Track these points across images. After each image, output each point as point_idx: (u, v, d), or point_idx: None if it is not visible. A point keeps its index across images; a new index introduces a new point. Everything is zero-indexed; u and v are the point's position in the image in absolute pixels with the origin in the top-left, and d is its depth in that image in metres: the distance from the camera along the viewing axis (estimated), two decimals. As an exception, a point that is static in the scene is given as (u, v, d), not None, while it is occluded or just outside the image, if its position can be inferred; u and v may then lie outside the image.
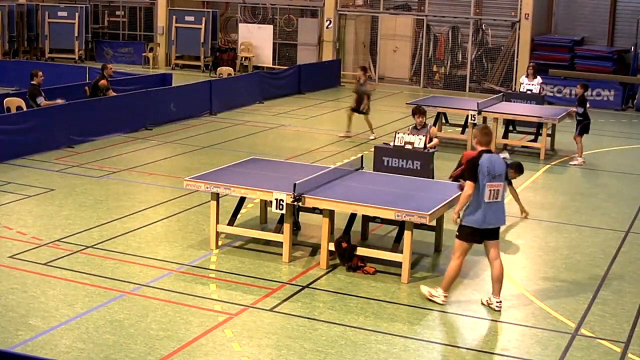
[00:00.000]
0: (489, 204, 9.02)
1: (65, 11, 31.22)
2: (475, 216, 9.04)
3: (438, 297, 9.38)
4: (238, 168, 11.80)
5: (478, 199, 9.01)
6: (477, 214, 9.03)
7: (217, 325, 8.63)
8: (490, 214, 9.06)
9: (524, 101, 19.43)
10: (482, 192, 8.98)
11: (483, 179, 8.97)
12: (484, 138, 9.17)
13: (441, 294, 9.38)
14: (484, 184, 8.96)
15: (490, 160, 9.05)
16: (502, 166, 9.17)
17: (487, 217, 9.05)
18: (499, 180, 9.04)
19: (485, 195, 8.97)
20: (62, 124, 16.79)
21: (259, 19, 31.05)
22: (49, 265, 10.18)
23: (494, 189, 9.01)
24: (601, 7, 26.97)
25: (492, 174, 8.99)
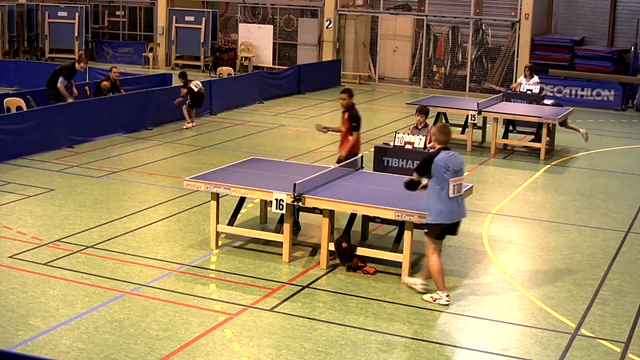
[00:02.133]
0: (453, 198, 9.29)
1: (65, 11, 31.23)
2: (444, 213, 9.26)
3: (441, 299, 9.41)
4: (238, 168, 11.80)
5: (442, 196, 9.23)
6: (446, 211, 9.26)
7: (217, 325, 8.63)
8: (456, 208, 9.36)
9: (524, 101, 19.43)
10: (447, 188, 9.22)
11: (444, 175, 9.19)
12: (442, 137, 9.45)
13: (443, 295, 9.41)
14: (447, 180, 9.20)
15: (449, 157, 9.30)
16: (461, 162, 9.44)
17: (455, 211, 9.34)
18: (460, 175, 9.35)
19: (450, 190, 9.23)
20: (62, 124, 16.80)
21: (259, 19, 31.06)
22: (49, 265, 10.18)
23: (457, 183, 9.31)
24: (601, 7, 26.98)
25: (452, 170, 9.23)
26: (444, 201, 9.24)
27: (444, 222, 9.31)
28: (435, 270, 9.43)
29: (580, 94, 25.47)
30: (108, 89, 18.74)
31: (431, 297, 9.48)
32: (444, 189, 9.22)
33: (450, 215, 9.31)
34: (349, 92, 12.20)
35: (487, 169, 16.58)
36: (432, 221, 9.34)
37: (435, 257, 9.44)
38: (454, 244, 11.56)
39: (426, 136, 13.10)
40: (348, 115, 12.14)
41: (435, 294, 9.47)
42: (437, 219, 9.29)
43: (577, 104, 24.57)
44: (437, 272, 9.43)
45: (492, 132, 17.87)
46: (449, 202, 9.25)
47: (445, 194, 9.22)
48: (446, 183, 9.21)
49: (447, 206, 9.25)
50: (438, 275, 9.44)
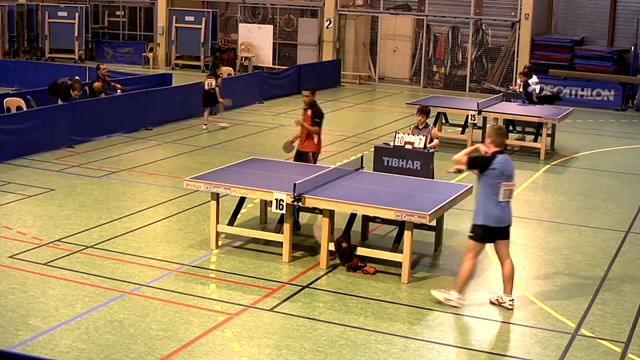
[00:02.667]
0: (502, 203, 9.14)
1: (65, 11, 31.23)
2: (490, 215, 9.12)
3: (453, 300, 9.33)
4: (238, 168, 11.80)
5: (492, 199, 9.09)
6: (493, 214, 9.12)
7: (217, 325, 8.63)
8: (505, 213, 9.20)
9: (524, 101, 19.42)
10: (497, 192, 9.06)
11: (497, 179, 9.06)
12: (498, 139, 9.26)
13: (455, 297, 9.34)
14: (499, 184, 9.06)
15: (505, 161, 9.17)
16: (513, 167, 9.31)
17: (502, 215, 9.17)
18: (512, 180, 9.21)
19: (501, 194, 9.08)
20: (62, 124, 16.80)
21: (259, 19, 31.06)
22: (49, 265, 10.18)
23: (508, 188, 9.15)
24: (601, 7, 26.98)
25: (506, 174, 9.12)
26: (492, 204, 9.09)
27: (488, 224, 9.14)
28: (465, 275, 9.28)
29: (580, 94, 25.47)
30: (100, 89, 18.62)
31: (443, 297, 9.38)
32: (493, 192, 9.07)
33: (496, 218, 9.14)
34: (312, 90, 12.37)
35: (487, 169, 16.54)
36: (477, 223, 9.21)
37: (471, 263, 9.26)
38: (454, 244, 11.57)
39: (426, 136, 13.08)
40: (311, 112, 12.31)
41: (448, 294, 9.38)
42: (482, 222, 9.14)
43: (577, 104, 24.57)
44: (466, 277, 9.29)
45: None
46: (498, 206, 9.10)
47: (495, 198, 9.07)
48: (498, 187, 9.06)
49: (495, 210, 9.10)
50: (464, 279, 9.30)
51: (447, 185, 12.01)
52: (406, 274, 10.02)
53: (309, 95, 12.29)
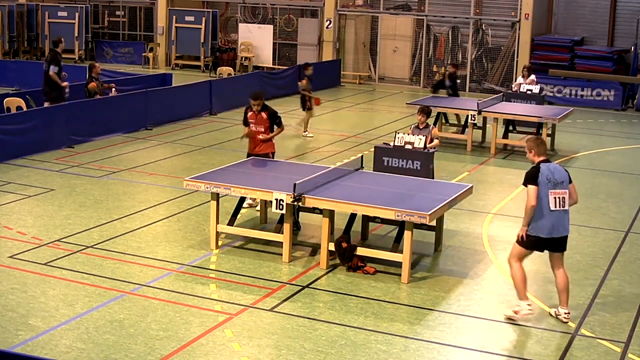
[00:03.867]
0: (555, 212, 8.87)
1: (65, 11, 31.23)
2: (541, 225, 8.87)
3: (524, 310, 8.99)
4: (238, 168, 11.80)
5: (542, 208, 8.84)
6: (543, 223, 8.87)
7: (217, 325, 8.63)
8: (558, 223, 8.91)
9: (524, 101, 19.44)
10: (546, 200, 8.84)
11: (544, 187, 8.86)
12: (541, 148, 9.17)
13: (525, 306, 9.01)
14: (547, 192, 8.84)
15: (549, 168, 9.01)
16: (564, 173, 9.07)
17: (554, 225, 8.89)
18: (561, 187, 8.94)
19: (551, 203, 8.84)
20: (62, 124, 16.80)
21: (259, 19, 31.06)
22: (49, 265, 10.18)
23: (558, 196, 8.89)
24: (601, 7, 26.98)
25: (553, 182, 8.90)
26: (541, 213, 8.82)
27: (539, 235, 8.89)
28: (520, 280, 9.01)
29: (580, 94, 25.47)
30: (96, 89, 18.51)
31: (514, 312, 9.04)
32: (543, 201, 8.82)
33: (548, 229, 8.85)
34: (259, 96, 12.46)
35: (487, 169, 16.58)
36: (531, 233, 8.92)
37: (519, 265, 9.02)
38: (454, 244, 11.57)
39: (426, 136, 13.08)
40: (267, 114, 12.44)
41: (517, 307, 9.08)
42: (532, 232, 8.89)
43: (577, 104, 24.59)
44: (521, 281, 9.02)
45: (492, 132, 17.87)
46: (549, 215, 8.82)
47: (545, 206, 8.82)
48: (545, 195, 8.82)
49: (545, 219, 8.84)
50: (521, 285, 9.01)
51: (447, 185, 12.01)
52: (406, 274, 10.02)
53: (259, 104, 12.38)
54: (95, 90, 18.38)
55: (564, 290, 9.13)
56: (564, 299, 9.15)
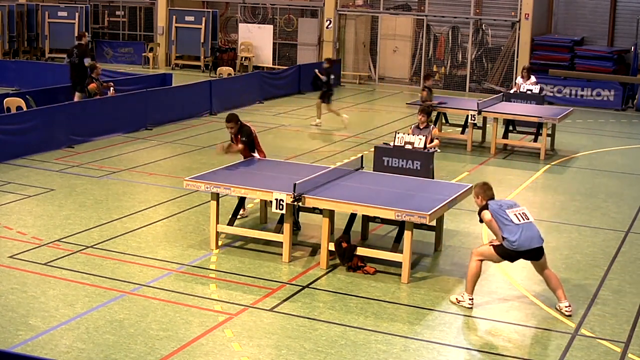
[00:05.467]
0: (521, 224, 9.08)
1: (65, 11, 31.22)
2: (517, 240, 9.03)
3: (465, 302, 9.33)
4: (238, 168, 11.80)
5: (510, 229, 9.06)
6: (518, 237, 9.03)
7: (217, 325, 8.63)
8: (530, 234, 9.09)
9: (524, 101, 19.44)
10: (508, 220, 9.08)
11: (501, 212, 9.12)
12: (488, 193, 9.36)
13: (467, 298, 9.34)
14: (505, 214, 9.11)
15: (495, 202, 9.32)
16: (511, 201, 9.46)
17: (529, 237, 9.07)
18: (516, 207, 9.24)
19: (514, 219, 9.08)
20: (62, 124, 16.80)
21: (259, 19, 31.06)
22: (49, 265, 10.18)
23: (518, 212, 9.17)
24: (601, 7, 26.98)
25: (504, 206, 9.21)
26: (511, 230, 9.05)
27: (517, 249, 9.09)
28: (474, 274, 9.30)
29: (580, 94, 25.47)
30: (96, 90, 18.49)
31: (456, 299, 9.41)
32: (507, 221, 9.08)
33: (524, 242, 9.06)
34: (234, 119, 11.96)
35: (487, 169, 16.58)
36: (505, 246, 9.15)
37: (478, 263, 9.28)
38: (454, 244, 11.57)
39: (426, 136, 13.10)
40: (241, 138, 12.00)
41: (460, 296, 9.41)
42: (510, 247, 9.09)
43: (577, 104, 24.59)
44: (474, 276, 9.30)
45: (492, 132, 17.87)
46: (518, 229, 9.04)
47: (510, 223, 9.07)
48: (505, 215, 9.09)
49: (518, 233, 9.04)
50: (473, 279, 9.30)
51: (447, 185, 12.01)
52: (406, 274, 10.02)
53: (233, 127, 11.95)
54: (95, 92, 18.37)
55: (557, 287, 9.36)
56: (561, 295, 9.34)
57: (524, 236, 9.05)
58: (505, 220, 9.10)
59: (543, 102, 19.98)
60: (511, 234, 9.05)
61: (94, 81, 18.58)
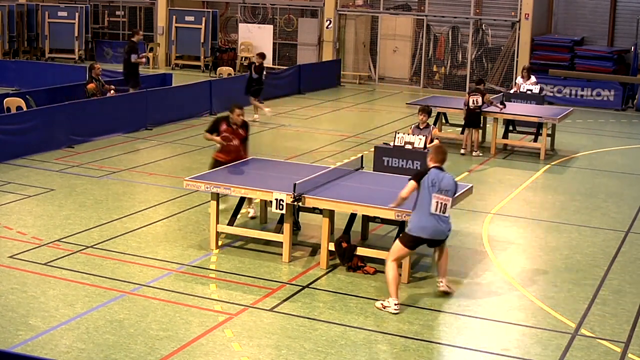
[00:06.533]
0: (434, 216, 9.15)
1: (65, 11, 31.22)
2: (422, 226, 9.16)
3: (390, 307, 9.17)
4: (238, 168, 11.80)
5: (423, 210, 9.14)
6: (424, 224, 9.15)
7: (217, 325, 8.63)
8: (437, 228, 9.20)
9: (524, 101, 19.44)
10: (427, 202, 9.12)
11: (428, 190, 9.13)
12: (438, 156, 9.39)
13: (393, 303, 9.17)
14: (429, 196, 9.12)
15: (438, 175, 9.22)
16: (452, 184, 9.32)
17: (435, 229, 9.19)
18: (445, 194, 9.20)
19: (432, 206, 9.12)
20: (62, 124, 16.80)
21: (259, 19, 31.06)
22: (49, 265, 10.18)
23: (440, 201, 9.16)
24: (601, 7, 26.97)
25: (437, 187, 9.14)
26: (423, 215, 9.13)
27: (420, 235, 9.20)
28: (394, 278, 9.19)
29: (580, 94, 25.47)
30: (94, 91, 18.45)
31: (381, 304, 9.23)
32: (425, 203, 9.13)
33: (429, 231, 9.17)
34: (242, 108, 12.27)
35: (487, 169, 16.58)
36: (408, 231, 9.28)
37: (395, 265, 9.27)
38: (454, 244, 11.56)
39: (427, 136, 13.10)
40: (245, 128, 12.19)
41: (386, 301, 9.24)
42: (414, 231, 9.19)
43: (577, 104, 24.58)
44: (395, 280, 9.20)
45: (492, 132, 17.87)
46: (430, 218, 9.12)
47: (426, 209, 9.13)
48: (429, 197, 9.11)
49: (427, 220, 9.13)
50: (395, 283, 9.19)
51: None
52: (406, 274, 10.02)
53: (243, 115, 12.22)
54: (93, 92, 18.34)
55: (443, 264, 9.66)
56: (443, 272, 9.66)
57: (430, 226, 9.13)
58: (425, 201, 9.12)
59: (543, 102, 19.99)
60: (419, 219, 9.14)
61: (93, 81, 18.56)
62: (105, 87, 18.83)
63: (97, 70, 18.78)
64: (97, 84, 18.57)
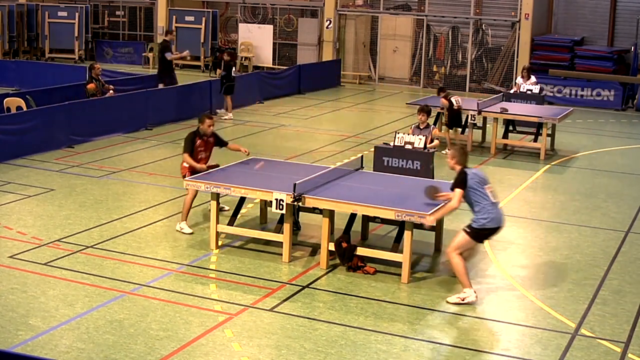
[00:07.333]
0: (495, 203, 9.48)
1: (65, 11, 31.22)
2: (492, 217, 9.37)
3: (470, 297, 9.40)
4: (238, 168, 11.80)
5: (485, 203, 9.36)
6: (494, 215, 9.40)
7: (217, 325, 8.63)
8: (501, 213, 9.56)
9: (524, 101, 19.43)
10: (486, 195, 9.40)
11: (480, 187, 9.39)
12: (463, 157, 9.63)
13: (471, 292, 9.41)
14: (484, 190, 9.42)
15: (473, 171, 9.57)
16: (484, 174, 9.72)
17: (501, 215, 9.54)
18: (488, 182, 9.57)
19: (490, 196, 9.42)
20: (62, 124, 16.80)
21: (259, 19, 31.06)
22: (49, 265, 10.18)
23: (491, 190, 9.51)
24: (601, 7, 26.97)
25: (481, 181, 9.47)
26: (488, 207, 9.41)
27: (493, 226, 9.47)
28: (463, 269, 9.45)
29: (580, 94, 25.47)
30: (94, 91, 18.42)
31: (458, 298, 9.43)
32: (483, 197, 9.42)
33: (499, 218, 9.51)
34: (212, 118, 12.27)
35: (487, 169, 16.57)
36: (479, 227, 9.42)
37: (461, 257, 9.47)
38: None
39: (427, 136, 13.09)
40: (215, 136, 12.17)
41: (462, 294, 9.46)
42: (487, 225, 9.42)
43: (577, 104, 24.58)
44: (464, 270, 9.45)
45: (492, 132, 17.87)
46: (494, 207, 9.44)
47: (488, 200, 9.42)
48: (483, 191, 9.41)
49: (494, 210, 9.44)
50: (465, 273, 9.45)
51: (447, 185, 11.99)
52: (406, 274, 10.02)
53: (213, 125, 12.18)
54: (93, 92, 18.33)
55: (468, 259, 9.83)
56: None
57: (499, 215, 9.45)
58: (483, 198, 9.38)
59: (543, 102, 19.98)
60: (485, 213, 9.34)
61: (93, 81, 18.56)
62: (106, 87, 18.82)
63: (97, 70, 18.77)
64: (97, 84, 18.56)
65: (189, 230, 11.51)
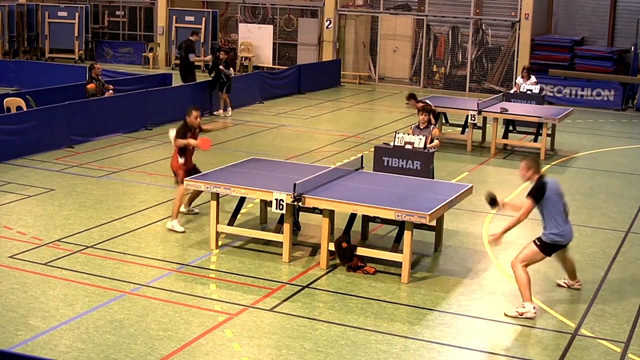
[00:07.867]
0: (567, 218, 9.39)
1: (65, 11, 31.21)
2: (563, 234, 9.25)
3: (529, 312, 9.10)
4: (238, 168, 11.80)
5: (560, 217, 9.22)
6: (566, 231, 9.30)
7: (217, 325, 8.63)
8: (571, 230, 9.46)
9: (524, 101, 19.43)
10: (562, 210, 9.28)
11: (559, 199, 9.27)
12: (538, 166, 9.44)
13: (531, 307, 9.12)
14: (563, 203, 9.31)
15: (554, 183, 9.37)
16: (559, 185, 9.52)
17: (571, 232, 9.44)
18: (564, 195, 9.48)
19: (565, 210, 9.32)
20: (62, 124, 16.79)
21: (259, 19, 31.06)
22: (49, 265, 10.18)
23: (567, 206, 9.43)
24: (601, 7, 26.97)
25: (561, 194, 9.36)
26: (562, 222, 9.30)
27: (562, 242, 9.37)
28: (526, 281, 9.18)
29: (580, 94, 25.47)
30: (94, 91, 18.39)
31: (517, 312, 9.14)
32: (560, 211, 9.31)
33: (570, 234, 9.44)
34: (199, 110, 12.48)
35: (487, 169, 16.58)
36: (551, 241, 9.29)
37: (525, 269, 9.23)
38: (454, 244, 11.57)
39: (427, 136, 13.08)
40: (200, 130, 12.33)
41: (522, 308, 9.17)
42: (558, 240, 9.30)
43: (577, 104, 24.58)
44: (527, 283, 9.18)
45: (492, 132, 17.87)
46: (567, 222, 9.38)
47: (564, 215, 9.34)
48: (563, 205, 9.34)
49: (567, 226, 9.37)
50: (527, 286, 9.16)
51: (447, 185, 12.01)
52: (406, 274, 10.02)
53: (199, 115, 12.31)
54: (93, 92, 18.32)
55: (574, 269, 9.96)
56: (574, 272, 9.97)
57: (569, 232, 9.36)
58: (557, 211, 9.21)
59: (543, 102, 19.98)
60: (556, 228, 9.18)
61: (93, 81, 18.55)
62: (106, 87, 18.81)
63: (97, 70, 18.76)
64: (97, 84, 18.56)
65: (181, 228, 11.53)
